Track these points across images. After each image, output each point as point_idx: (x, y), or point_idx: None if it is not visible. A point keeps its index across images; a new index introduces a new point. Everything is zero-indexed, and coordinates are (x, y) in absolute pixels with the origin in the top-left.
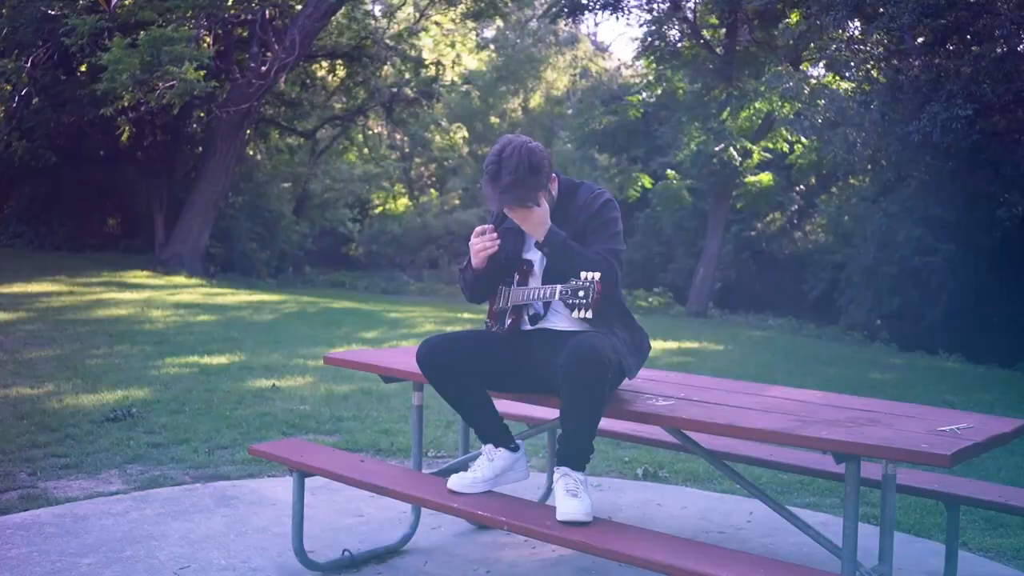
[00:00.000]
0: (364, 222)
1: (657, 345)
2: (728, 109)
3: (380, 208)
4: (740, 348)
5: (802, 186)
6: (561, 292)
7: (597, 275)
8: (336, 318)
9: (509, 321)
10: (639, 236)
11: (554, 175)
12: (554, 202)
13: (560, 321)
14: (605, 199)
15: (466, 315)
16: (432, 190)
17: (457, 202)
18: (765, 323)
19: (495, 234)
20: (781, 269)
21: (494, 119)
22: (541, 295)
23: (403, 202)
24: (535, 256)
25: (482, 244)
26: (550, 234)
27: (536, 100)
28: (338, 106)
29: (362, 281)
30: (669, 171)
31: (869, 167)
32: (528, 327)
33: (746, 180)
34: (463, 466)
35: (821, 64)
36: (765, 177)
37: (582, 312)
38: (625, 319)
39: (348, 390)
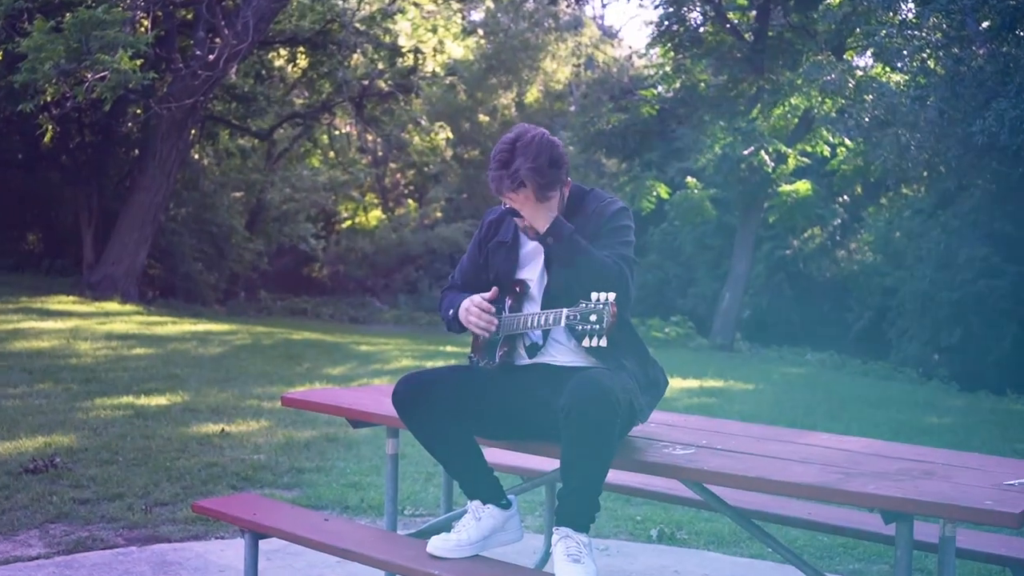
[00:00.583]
0: (329, 239)
1: (675, 384)
2: (759, 106)
3: (348, 222)
4: (773, 387)
5: (846, 196)
6: (568, 317)
7: (611, 296)
8: (296, 352)
9: (500, 354)
10: (654, 255)
11: (568, 178)
12: (563, 208)
13: (561, 353)
14: (618, 207)
15: (450, 348)
16: (410, 201)
17: (439, 215)
18: (802, 358)
19: (495, 319)
20: (821, 294)
21: (483, 117)
22: (542, 322)
23: (376, 215)
24: (533, 275)
25: (477, 321)
26: (556, 224)
27: (533, 95)
28: (299, 102)
29: (327, 308)
30: (689, 179)
31: (925, 174)
32: (524, 360)
33: (780, 189)
34: (446, 526)
35: (868, 53)
36: (802, 186)
37: (594, 340)
38: (637, 349)
39: (310, 436)
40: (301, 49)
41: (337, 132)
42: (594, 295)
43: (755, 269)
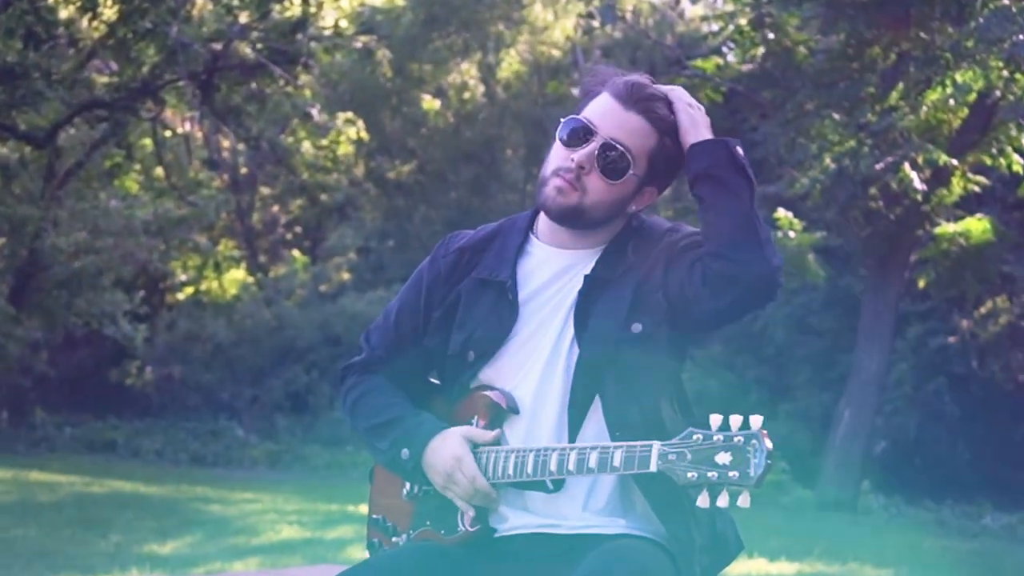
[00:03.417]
0: (156, 319)
1: (756, 567)
2: (900, 86)
3: (189, 290)
4: (925, 573)
5: None
6: (667, 456)
7: (757, 420)
8: (99, 515)
9: (468, 520)
10: (719, 346)
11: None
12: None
13: (570, 504)
14: (693, 229)
15: (365, 508)
16: (295, 252)
17: (346, 276)
18: (976, 523)
19: (495, 494)
20: (1010, 413)
21: (428, 101)
22: (593, 464)
23: (236, 277)
24: (540, 346)
25: (467, 495)
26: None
27: (510, 67)
28: (103, 81)
29: (152, 439)
30: (780, 212)
31: None
32: (508, 524)
33: (938, 231)
34: None
35: None
36: (977, 224)
37: (723, 499)
38: None
39: None
40: None
41: (169, 134)
42: (714, 418)
43: (895, 370)
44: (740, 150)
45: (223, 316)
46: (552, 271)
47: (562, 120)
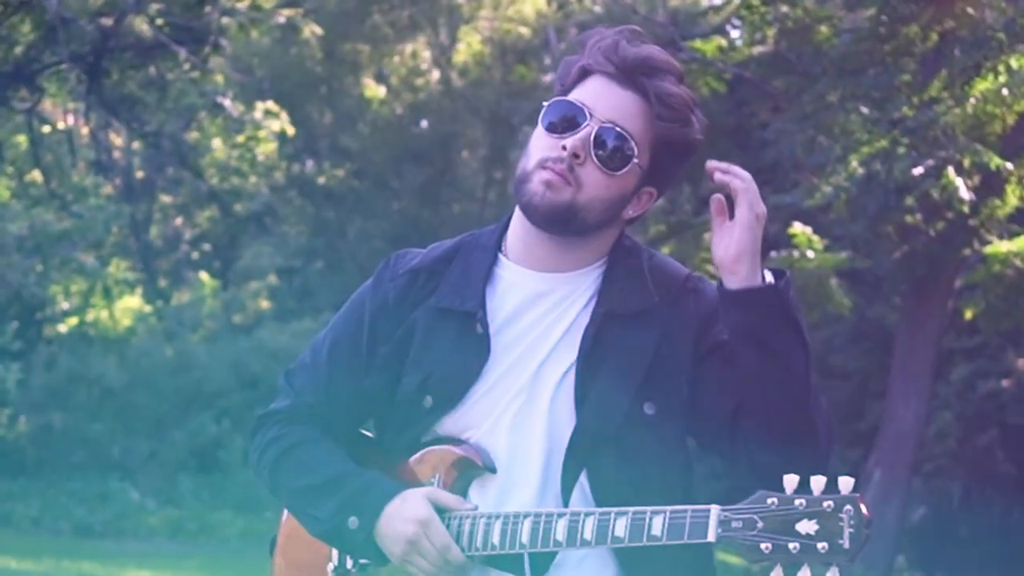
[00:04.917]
0: (33, 356)
1: None
2: (943, 73)
3: (73, 320)
4: None
5: None
6: (730, 523)
7: (848, 482)
8: None
9: None
10: None
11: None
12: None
13: None
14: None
15: None
16: (203, 275)
17: (265, 305)
18: None
19: (465, 565)
20: None
21: (369, 87)
22: (625, 532)
23: (130, 304)
24: (505, 396)
25: (435, 567)
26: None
27: (469, 47)
28: None
29: (27, 504)
30: (796, 227)
31: None
32: None
33: (988, 250)
34: None
35: None
36: None
37: (807, 575)
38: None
39: None
40: None
41: (48, 129)
42: (789, 479)
43: (937, 419)
44: (792, 294)
45: (114, 353)
46: (528, 298)
47: (545, 104)
